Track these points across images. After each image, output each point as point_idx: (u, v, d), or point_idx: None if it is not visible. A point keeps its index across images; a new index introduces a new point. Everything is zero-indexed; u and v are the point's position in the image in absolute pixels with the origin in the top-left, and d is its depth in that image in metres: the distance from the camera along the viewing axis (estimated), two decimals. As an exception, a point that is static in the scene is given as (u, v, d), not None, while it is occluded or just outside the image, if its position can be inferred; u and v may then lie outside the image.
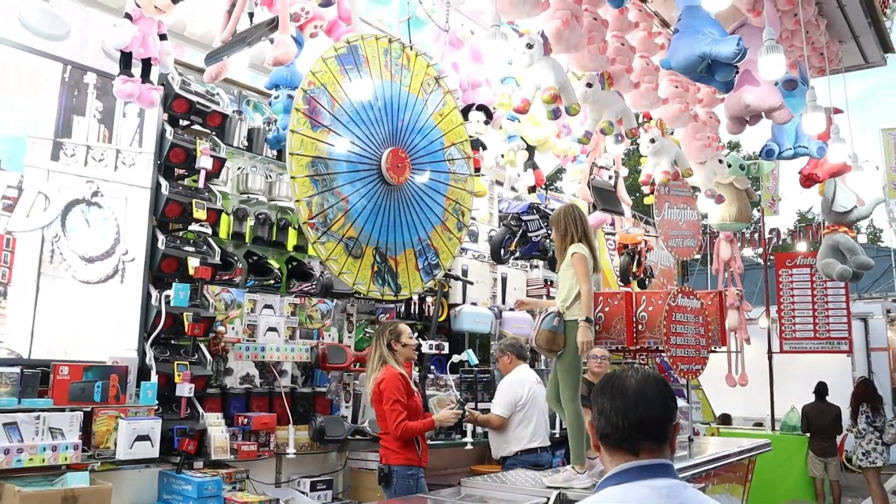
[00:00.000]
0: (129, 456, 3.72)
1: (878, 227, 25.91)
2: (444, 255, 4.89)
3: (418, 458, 4.14)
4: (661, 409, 1.66)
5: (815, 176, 6.74)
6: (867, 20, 6.51)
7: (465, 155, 5.16)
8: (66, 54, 4.15)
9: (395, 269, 4.54)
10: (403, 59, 4.83)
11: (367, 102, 4.50)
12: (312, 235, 4.06)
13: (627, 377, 1.70)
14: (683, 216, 9.00)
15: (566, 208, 4.18)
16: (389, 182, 4.50)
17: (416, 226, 4.70)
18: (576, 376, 3.93)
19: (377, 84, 4.56)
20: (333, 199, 4.24)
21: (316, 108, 4.17)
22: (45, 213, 3.98)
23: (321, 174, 4.15)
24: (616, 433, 1.64)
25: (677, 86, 5.77)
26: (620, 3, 4.27)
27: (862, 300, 14.38)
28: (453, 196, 5.01)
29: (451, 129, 5.06)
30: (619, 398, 1.66)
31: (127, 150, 4.32)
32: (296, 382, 5.02)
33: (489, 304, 6.68)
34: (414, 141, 4.73)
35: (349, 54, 4.41)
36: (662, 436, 1.66)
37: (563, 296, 3.96)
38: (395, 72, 4.70)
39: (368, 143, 4.44)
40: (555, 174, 10.20)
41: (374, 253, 4.45)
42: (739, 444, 6.21)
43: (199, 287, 4.35)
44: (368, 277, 4.34)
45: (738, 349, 8.91)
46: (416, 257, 4.72)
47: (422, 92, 4.84)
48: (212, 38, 5.26)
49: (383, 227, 4.46)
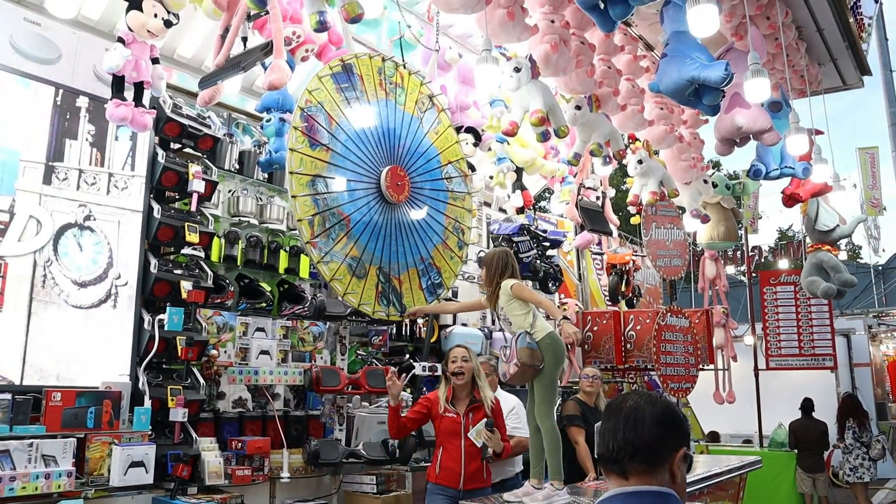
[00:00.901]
0: (124, 482, 3.67)
1: (857, 244, 26.31)
2: (447, 273, 4.94)
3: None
4: (650, 431, 1.62)
5: (798, 196, 6.87)
6: (845, 44, 6.69)
7: (461, 173, 5.21)
8: (57, 78, 4.15)
9: (399, 289, 4.57)
10: (397, 78, 4.90)
11: (365, 121, 4.56)
12: (316, 255, 4.07)
13: (627, 398, 1.70)
14: (671, 236, 9.10)
15: (496, 253, 4.26)
16: (389, 200, 4.54)
17: (418, 245, 4.74)
18: (553, 394, 3.98)
19: (373, 102, 4.62)
20: (335, 219, 4.26)
21: (314, 127, 4.22)
22: (37, 238, 3.95)
23: (321, 193, 4.18)
24: (607, 454, 1.65)
25: (662, 108, 5.88)
26: (611, 27, 4.34)
27: (844, 316, 14.56)
28: (452, 214, 5.06)
29: (447, 148, 5.13)
30: (612, 419, 1.67)
31: (119, 173, 4.31)
32: (289, 406, 4.99)
33: (479, 324, 6.69)
34: (412, 159, 4.80)
35: (344, 73, 4.47)
36: (652, 458, 1.62)
37: (521, 323, 4.01)
38: (389, 90, 4.76)
39: (367, 162, 4.48)
40: (540, 194, 10.28)
41: (378, 273, 4.49)
42: (730, 461, 6.23)
43: (192, 311, 4.34)
44: (373, 298, 4.37)
45: (725, 367, 8.97)
46: (420, 277, 4.75)
47: (416, 110, 4.91)
48: (201, 61, 5.31)
49: (385, 246, 4.51)
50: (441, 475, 4.18)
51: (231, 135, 5.33)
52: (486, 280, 4.23)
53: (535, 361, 3.97)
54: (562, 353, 4.01)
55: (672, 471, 1.62)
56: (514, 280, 4.09)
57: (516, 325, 4.05)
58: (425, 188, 4.94)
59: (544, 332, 3.98)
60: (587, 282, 8.99)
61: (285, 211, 5.21)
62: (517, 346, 4.01)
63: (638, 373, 8.04)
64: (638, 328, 7.04)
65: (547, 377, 3.96)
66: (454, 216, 5.02)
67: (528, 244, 6.42)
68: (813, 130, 6.50)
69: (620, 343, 7.10)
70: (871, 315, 15.07)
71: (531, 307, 4.04)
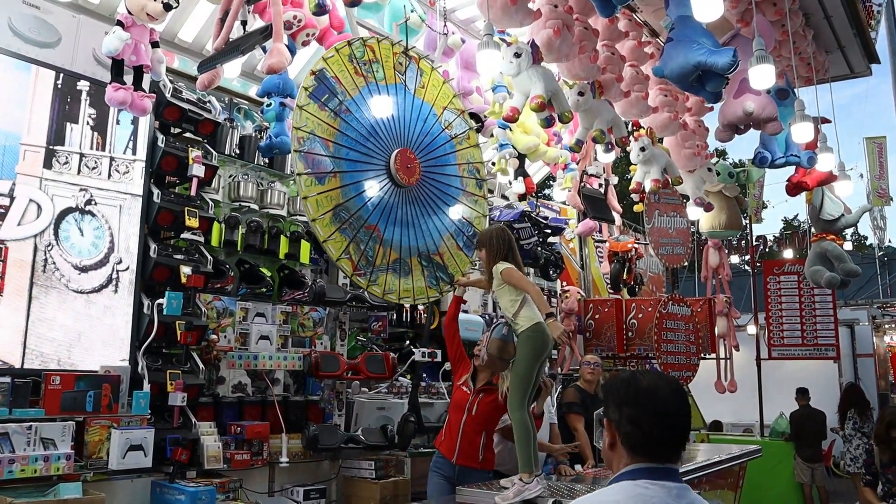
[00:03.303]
0: (122, 466, 3.69)
1: (863, 235, 26.20)
2: (476, 218, 5.06)
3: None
4: (689, 422, 1.73)
5: (805, 184, 6.82)
6: (853, 31, 6.61)
7: (457, 112, 5.26)
8: (56, 61, 4.13)
9: (442, 261, 4.68)
10: (368, 55, 4.91)
11: (379, 101, 4.60)
12: (363, 282, 4.19)
13: (658, 386, 1.71)
14: (673, 224, 9.07)
15: (495, 230, 4.18)
16: (401, 184, 4.56)
17: (444, 210, 4.85)
18: (527, 386, 3.86)
19: (390, 86, 4.64)
20: (366, 237, 4.37)
21: (321, 88, 4.28)
22: (37, 222, 3.95)
23: (345, 220, 4.28)
24: (650, 442, 1.67)
25: (666, 94, 5.82)
26: (611, 12, 4.29)
27: (848, 307, 14.52)
28: (462, 159, 5.21)
29: (437, 96, 5.19)
30: (658, 409, 1.68)
31: (121, 157, 4.30)
32: (288, 391, 5.00)
33: (480, 311, 6.69)
34: (417, 137, 4.82)
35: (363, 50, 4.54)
36: (685, 445, 1.73)
37: (508, 309, 3.94)
38: (366, 72, 4.76)
39: (376, 143, 4.53)
40: (542, 182, 10.24)
41: (420, 260, 4.60)
42: (730, 450, 6.23)
43: (191, 295, 4.34)
44: (423, 285, 4.49)
45: (727, 356, 8.96)
46: (454, 237, 4.95)
47: (396, 76, 4.93)
48: (202, 45, 5.28)
49: (416, 232, 4.65)
50: (444, 443, 4.32)
51: (232, 119, 5.31)
52: (485, 261, 4.11)
53: (504, 355, 3.97)
54: (543, 346, 3.87)
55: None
56: (506, 264, 3.98)
57: (503, 310, 3.99)
58: (433, 157, 4.98)
59: (529, 322, 3.85)
60: (589, 269, 8.97)
61: (286, 196, 5.20)
62: (491, 335, 4.03)
63: (639, 361, 8.04)
64: (640, 316, 7.04)
65: (521, 367, 3.85)
66: (464, 160, 5.07)
67: (529, 231, 6.40)
68: (819, 119, 6.44)
69: (622, 331, 7.11)
70: (875, 305, 15.03)
71: (523, 295, 3.92)
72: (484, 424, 4.30)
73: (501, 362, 4.07)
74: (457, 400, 4.34)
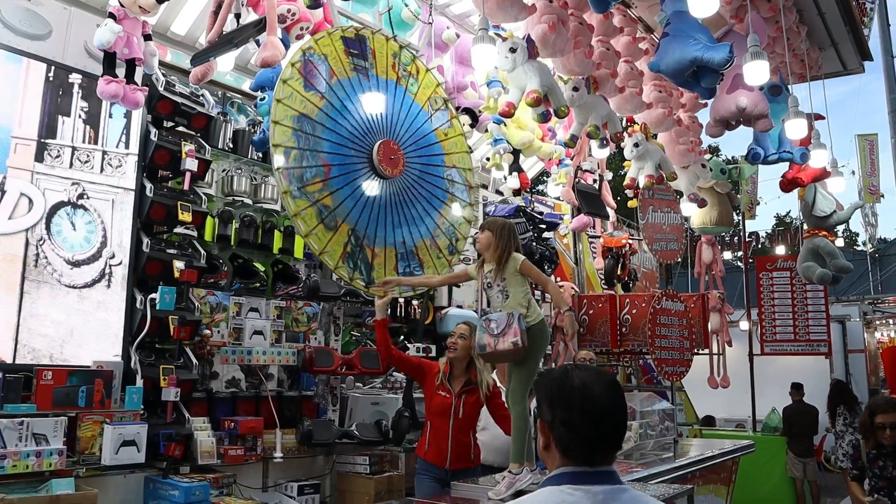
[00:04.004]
0: (115, 461, 3.66)
1: (855, 231, 26.35)
2: (429, 270, 4.91)
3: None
4: (625, 420, 1.67)
5: (800, 180, 6.85)
6: (846, 28, 6.64)
7: (466, 182, 5.19)
8: (47, 54, 4.09)
9: (370, 260, 4.55)
10: (413, 69, 4.89)
11: (367, 89, 4.54)
12: (283, 184, 4.04)
13: (591, 385, 1.63)
14: (667, 220, 9.09)
15: (509, 223, 4.09)
16: (382, 174, 4.52)
17: (403, 229, 4.70)
18: (532, 379, 3.84)
19: (381, 79, 4.60)
20: (314, 161, 4.24)
21: (312, 72, 4.19)
22: (28, 216, 3.92)
23: (305, 132, 4.15)
24: (582, 445, 1.61)
25: (661, 91, 5.84)
26: (605, 8, 4.29)
27: (840, 303, 14.58)
28: (448, 217, 5.05)
29: (455, 153, 5.12)
30: (591, 410, 1.61)
31: (113, 151, 4.27)
32: (282, 386, 4.99)
33: (475, 307, 6.67)
34: (409, 141, 4.77)
35: (356, 41, 4.46)
36: (620, 445, 1.68)
37: (520, 301, 3.87)
38: (402, 75, 4.74)
39: (360, 126, 4.47)
40: (537, 177, 10.25)
41: (350, 233, 4.45)
42: (723, 445, 6.26)
43: (184, 290, 4.31)
44: (339, 254, 4.35)
45: (720, 351, 8.98)
46: (397, 259, 4.72)
47: (428, 106, 4.91)
48: (195, 38, 5.25)
49: (365, 212, 4.49)
50: (429, 452, 4.23)
51: (225, 114, 5.28)
52: (493, 246, 3.92)
53: (525, 347, 3.95)
54: (547, 342, 3.99)
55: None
56: (523, 256, 3.93)
57: (513, 301, 3.90)
58: (424, 178, 4.94)
59: (538, 318, 3.88)
60: (583, 265, 8.98)
61: (279, 191, 5.17)
62: (519, 326, 3.81)
63: (633, 356, 8.05)
64: (633, 312, 7.05)
65: (533, 363, 3.88)
66: (450, 221, 5.02)
67: (524, 226, 6.39)
68: (812, 115, 6.46)
69: (616, 326, 7.11)
70: (866, 302, 15.09)
71: (528, 288, 3.92)
72: (471, 424, 4.33)
73: (522, 354, 3.87)
74: (437, 406, 4.25)
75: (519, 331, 3.74)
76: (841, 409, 9.60)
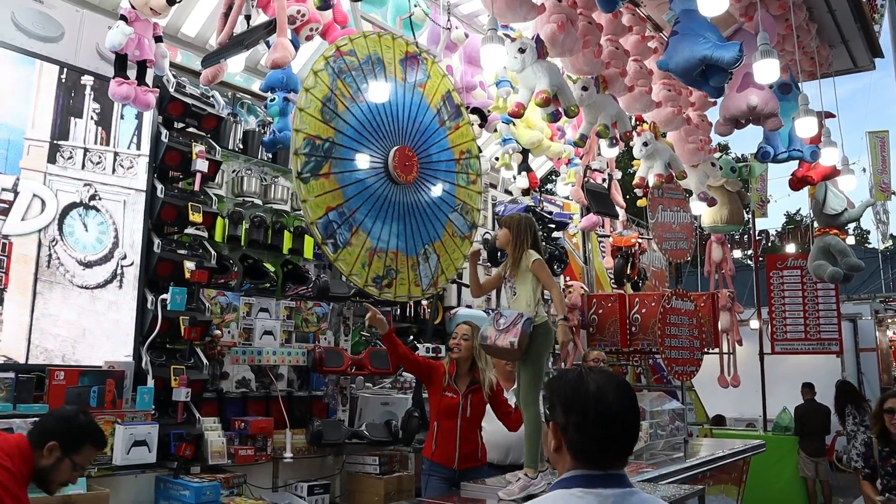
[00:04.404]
0: (126, 461, 3.68)
1: (866, 229, 26.18)
2: (446, 261, 4.94)
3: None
4: (637, 425, 1.69)
5: (810, 178, 6.82)
6: (856, 25, 6.60)
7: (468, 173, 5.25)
8: (60, 56, 4.12)
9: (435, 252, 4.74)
10: (425, 68, 4.93)
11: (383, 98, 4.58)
12: (298, 164, 4.04)
13: (606, 390, 1.63)
14: (677, 219, 9.05)
15: (525, 217, 4.13)
16: (396, 181, 4.54)
17: (416, 233, 4.79)
18: (541, 380, 3.87)
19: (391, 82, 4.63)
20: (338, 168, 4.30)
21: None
22: (41, 217, 3.94)
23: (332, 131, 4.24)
24: (595, 449, 1.62)
25: (670, 89, 5.82)
26: (612, 7, 4.28)
27: (851, 301, 14.50)
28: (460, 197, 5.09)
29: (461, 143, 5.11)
30: (605, 416, 1.62)
31: (125, 152, 4.29)
32: (292, 386, 5.00)
33: (484, 306, 6.68)
34: (422, 142, 4.81)
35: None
36: (632, 450, 1.69)
37: (527, 300, 3.91)
38: (408, 77, 4.77)
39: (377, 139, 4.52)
40: (546, 177, 10.23)
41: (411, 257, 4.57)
42: (734, 445, 6.24)
43: (195, 291, 4.33)
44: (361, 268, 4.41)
45: (731, 350, 8.95)
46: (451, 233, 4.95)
47: (438, 109, 4.94)
48: (205, 40, 5.27)
49: (406, 230, 4.59)
50: (437, 453, 4.24)
51: (235, 114, 5.30)
52: (512, 243, 3.99)
53: (523, 350, 3.95)
54: (551, 343, 3.98)
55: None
56: (537, 255, 3.94)
57: (521, 299, 3.94)
58: (437, 174, 4.98)
59: (543, 318, 3.90)
60: (593, 264, 8.96)
61: (289, 191, 5.19)
62: (522, 329, 3.87)
63: (642, 356, 8.03)
64: (643, 311, 7.02)
65: (538, 362, 3.89)
66: (462, 198, 5.06)
67: (534, 226, 6.38)
68: (823, 113, 6.43)
69: (625, 326, 7.08)
70: (877, 300, 15.02)
71: (538, 288, 3.93)
72: (478, 423, 4.34)
73: (520, 356, 3.94)
74: (445, 407, 4.26)
75: (520, 333, 3.78)
76: (849, 409, 9.54)
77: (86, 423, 2.81)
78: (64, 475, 2.75)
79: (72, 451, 2.71)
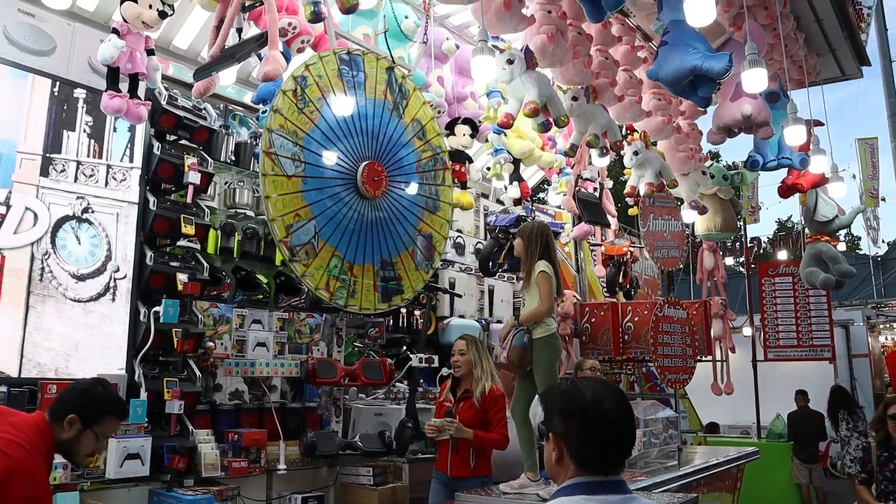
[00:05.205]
0: (120, 475, 3.67)
1: (857, 235, 26.33)
2: (406, 284, 5.03)
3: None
4: (634, 430, 1.74)
5: (800, 186, 6.87)
6: (843, 33, 6.67)
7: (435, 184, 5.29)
8: (52, 69, 4.13)
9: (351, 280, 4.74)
10: (408, 87, 4.98)
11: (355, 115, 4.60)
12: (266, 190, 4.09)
13: (602, 397, 1.68)
14: (668, 227, 9.09)
15: (538, 226, 4.17)
16: (364, 195, 4.61)
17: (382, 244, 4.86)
18: (532, 392, 3.98)
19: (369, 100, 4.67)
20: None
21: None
22: (34, 230, 3.94)
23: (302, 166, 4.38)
24: (595, 456, 1.66)
25: (660, 98, 5.87)
26: (600, 18, 4.32)
27: (843, 307, 14.57)
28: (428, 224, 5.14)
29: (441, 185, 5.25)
30: (603, 422, 1.66)
31: (118, 165, 4.30)
32: (285, 398, 4.99)
33: (476, 316, 6.69)
34: (393, 162, 4.88)
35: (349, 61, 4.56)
36: (630, 454, 1.73)
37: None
38: (390, 96, 4.82)
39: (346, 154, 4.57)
40: (538, 186, 10.27)
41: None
42: (728, 452, 6.25)
43: (187, 303, 4.33)
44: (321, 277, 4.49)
45: (723, 358, 8.97)
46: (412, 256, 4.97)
47: (412, 126, 5.00)
48: (197, 52, 5.29)
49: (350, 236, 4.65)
50: (438, 459, 4.39)
51: (227, 126, 5.32)
52: (523, 255, 4.10)
53: (523, 363, 3.97)
54: (559, 350, 4.05)
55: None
56: (544, 266, 3.97)
57: (526, 310, 4.05)
58: (403, 194, 5.04)
59: (547, 331, 3.94)
60: (585, 273, 8.99)
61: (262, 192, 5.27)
62: (512, 342, 3.97)
63: (635, 364, 8.05)
64: (636, 319, 7.04)
65: (549, 373, 3.92)
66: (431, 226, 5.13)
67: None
68: (812, 121, 6.49)
69: (618, 334, 7.10)
70: (869, 306, 15.09)
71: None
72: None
73: (519, 369, 4.05)
74: (442, 413, 4.41)
75: (509, 346, 3.88)
76: (842, 415, 9.58)
77: (104, 395, 2.82)
78: (88, 447, 2.75)
79: (92, 422, 2.71)
